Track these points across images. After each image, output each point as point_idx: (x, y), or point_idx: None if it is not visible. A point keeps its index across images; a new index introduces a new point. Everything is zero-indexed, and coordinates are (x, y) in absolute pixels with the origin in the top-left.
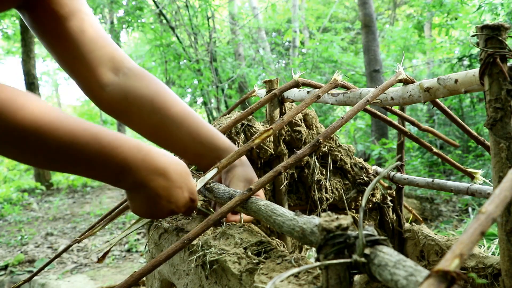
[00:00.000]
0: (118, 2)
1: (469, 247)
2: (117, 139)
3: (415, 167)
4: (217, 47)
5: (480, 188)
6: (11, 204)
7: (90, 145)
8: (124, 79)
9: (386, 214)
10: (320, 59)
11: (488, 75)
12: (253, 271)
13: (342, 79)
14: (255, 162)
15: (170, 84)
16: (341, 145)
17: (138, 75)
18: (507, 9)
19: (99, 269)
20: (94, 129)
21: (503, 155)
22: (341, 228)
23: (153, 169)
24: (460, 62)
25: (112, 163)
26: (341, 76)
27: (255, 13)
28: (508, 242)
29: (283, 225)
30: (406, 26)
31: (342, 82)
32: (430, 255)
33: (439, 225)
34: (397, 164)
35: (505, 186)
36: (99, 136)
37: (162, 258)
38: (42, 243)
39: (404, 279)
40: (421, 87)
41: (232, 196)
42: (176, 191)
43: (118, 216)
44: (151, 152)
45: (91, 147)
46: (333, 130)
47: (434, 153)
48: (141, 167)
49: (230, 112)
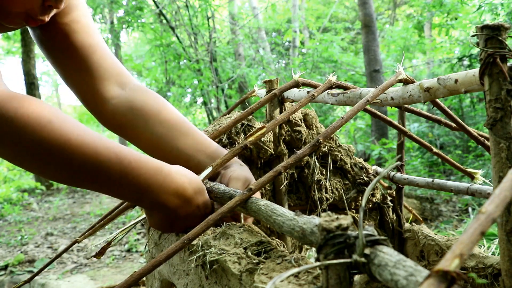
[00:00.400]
0: (118, 2)
1: (469, 247)
2: (139, 160)
3: (415, 167)
4: (217, 47)
5: (480, 188)
6: (11, 204)
7: (111, 164)
8: (130, 92)
9: (386, 214)
10: (320, 59)
11: (488, 75)
12: (253, 271)
13: (339, 80)
14: (255, 162)
15: (170, 84)
16: (341, 145)
17: (144, 90)
18: (507, 9)
19: (99, 269)
20: (116, 148)
21: (503, 155)
22: (341, 228)
23: (172, 191)
24: (460, 62)
25: (133, 184)
26: (335, 77)
27: (255, 13)
28: (508, 242)
29: (283, 225)
30: (406, 26)
31: (337, 82)
32: (430, 255)
33: (439, 225)
34: (397, 164)
35: (505, 186)
36: (121, 155)
37: (162, 258)
38: (42, 243)
39: (404, 279)
40: (421, 87)
41: (232, 196)
42: (194, 210)
43: (118, 216)
44: (171, 173)
45: (112, 167)
46: (333, 130)
47: (434, 153)
48: (161, 189)
49: (230, 112)
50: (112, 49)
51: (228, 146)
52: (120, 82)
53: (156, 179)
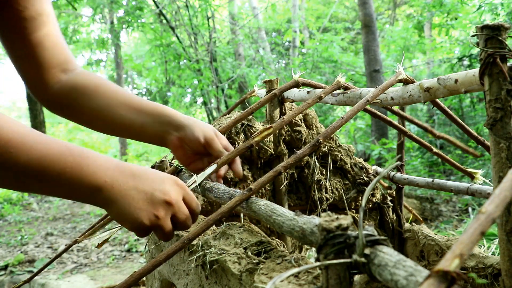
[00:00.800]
0: (118, 2)
1: (469, 247)
2: (88, 151)
3: (415, 167)
4: (217, 47)
5: (480, 188)
6: (11, 204)
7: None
8: (73, 76)
9: (386, 214)
10: (320, 59)
11: (488, 75)
12: (253, 271)
13: (345, 81)
14: (255, 162)
15: (170, 84)
16: (341, 145)
17: (85, 72)
18: (507, 9)
19: (99, 269)
20: (64, 142)
21: (503, 155)
22: (341, 228)
23: (128, 174)
24: (460, 62)
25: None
26: (344, 78)
27: (255, 13)
28: (508, 242)
29: (283, 225)
30: (406, 26)
31: (345, 84)
32: (430, 255)
33: (439, 225)
34: (397, 164)
35: (505, 186)
36: (71, 146)
37: (162, 258)
38: (42, 243)
39: (404, 279)
40: (421, 87)
41: (232, 196)
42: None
43: None
44: (120, 162)
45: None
46: (333, 130)
47: (434, 153)
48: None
49: (230, 112)
50: (112, 49)
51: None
52: (65, 69)
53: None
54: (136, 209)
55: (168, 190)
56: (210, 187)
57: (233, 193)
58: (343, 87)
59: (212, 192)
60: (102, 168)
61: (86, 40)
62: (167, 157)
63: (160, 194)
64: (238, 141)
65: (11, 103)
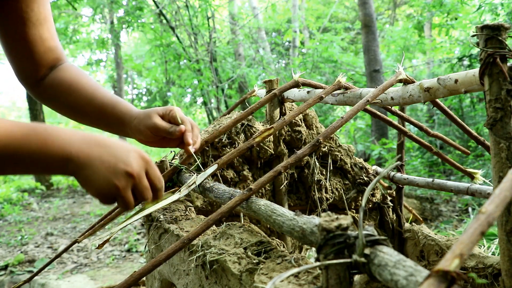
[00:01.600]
0: (118, 2)
1: (469, 247)
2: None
3: (415, 167)
4: (217, 47)
5: (480, 188)
6: (11, 204)
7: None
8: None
9: (386, 214)
10: (320, 59)
11: (488, 75)
12: (253, 271)
13: (346, 81)
14: (255, 162)
15: (170, 84)
16: (341, 145)
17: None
18: (507, 9)
19: (99, 269)
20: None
21: (503, 155)
22: (341, 228)
23: (93, 144)
24: (460, 62)
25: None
26: (344, 78)
27: (255, 13)
28: (508, 242)
29: (283, 225)
30: (406, 26)
31: (346, 84)
32: (430, 255)
33: (439, 225)
34: (397, 164)
35: (505, 186)
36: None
37: (162, 258)
38: (42, 243)
39: (404, 279)
40: (421, 87)
41: (232, 196)
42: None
43: (118, 216)
44: (87, 133)
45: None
46: (333, 130)
47: (434, 153)
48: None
49: (230, 112)
50: (112, 49)
51: (228, 146)
52: (54, 65)
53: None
54: (99, 177)
55: (131, 162)
56: (210, 187)
57: (233, 193)
58: (343, 87)
59: (212, 192)
60: (67, 141)
61: (86, 40)
62: (167, 157)
63: (123, 165)
64: (238, 141)
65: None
